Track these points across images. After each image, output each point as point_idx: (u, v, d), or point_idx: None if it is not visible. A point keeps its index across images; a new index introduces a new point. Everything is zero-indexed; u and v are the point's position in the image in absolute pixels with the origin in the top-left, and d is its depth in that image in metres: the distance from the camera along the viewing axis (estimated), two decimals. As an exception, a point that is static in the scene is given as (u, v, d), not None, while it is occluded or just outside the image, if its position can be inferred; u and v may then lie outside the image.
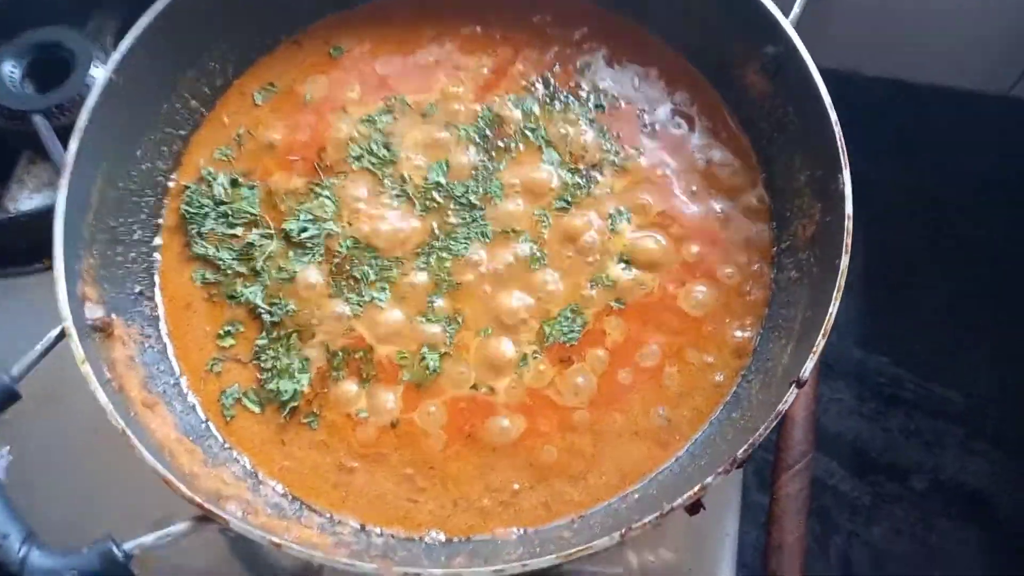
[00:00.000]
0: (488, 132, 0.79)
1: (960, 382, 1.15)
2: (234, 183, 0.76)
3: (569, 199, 0.75)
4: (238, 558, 0.74)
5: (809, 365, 0.58)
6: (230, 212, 0.75)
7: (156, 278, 0.72)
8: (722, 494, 0.77)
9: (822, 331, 0.59)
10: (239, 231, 0.74)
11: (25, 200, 0.99)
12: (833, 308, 0.60)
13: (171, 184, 0.76)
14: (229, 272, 0.72)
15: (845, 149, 0.64)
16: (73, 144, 0.65)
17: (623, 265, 0.73)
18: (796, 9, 0.72)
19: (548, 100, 0.80)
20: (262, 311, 0.71)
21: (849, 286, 0.60)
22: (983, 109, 1.24)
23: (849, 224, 0.62)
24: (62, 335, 0.58)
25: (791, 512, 0.87)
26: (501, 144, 0.78)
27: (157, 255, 0.74)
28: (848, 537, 1.10)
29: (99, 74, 0.95)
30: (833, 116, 0.65)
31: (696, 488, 0.54)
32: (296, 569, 0.73)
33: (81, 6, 1.07)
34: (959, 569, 1.08)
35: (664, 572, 0.72)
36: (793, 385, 0.58)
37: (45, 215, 0.92)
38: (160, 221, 0.75)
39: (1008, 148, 1.22)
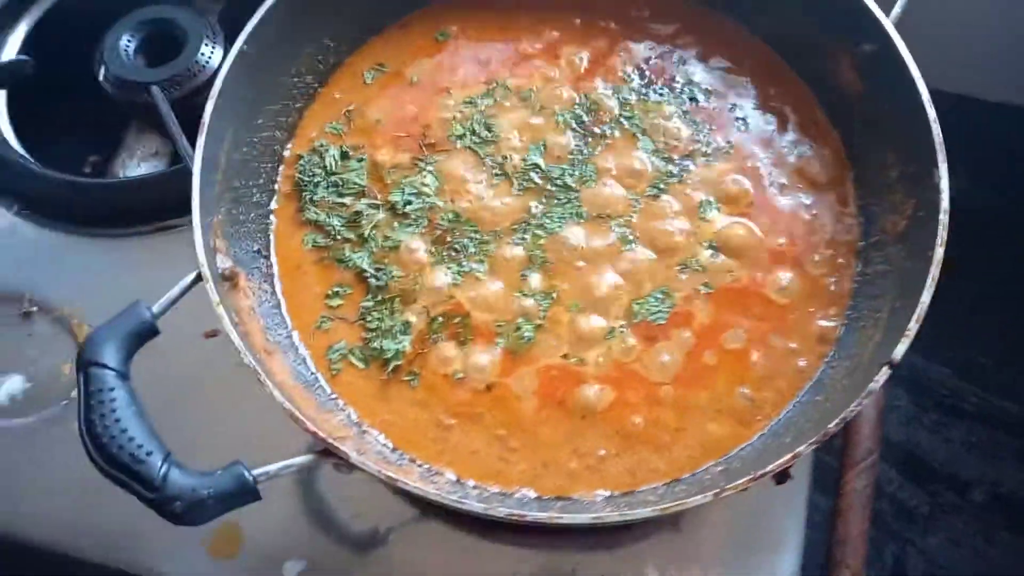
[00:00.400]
0: (585, 118, 0.82)
1: (1021, 397, 1.15)
2: (344, 155, 0.81)
3: (662, 186, 0.78)
4: (309, 520, 0.78)
5: (902, 348, 0.60)
6: (340, 182, 0.79)
7: (272, 238, 0.77)
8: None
9: (915, 316, 0.61)
10: (348, 200, 0.79)
11: (133, 167, 1.06)
12: (926, 295, 0.62)
13: (287, 153, 0.81)
14: (338, 238, 0.77)
15: (943, 142, 0.66)
16: (208, 108, 0.70)
17: (712, 251, 0.76)
18: (897, 9, 0.74)
19: (643, 91, 0.84)
20: (368, 275, 0.75)
21: None
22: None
23: (945, 217, 0.64)
24: (198, 279, 0.63)
25: (857, 507, 0.89)
26: (597, 131, 0.82)
27: (273, 217, 0.78)
28: (903, 545, 1.10)
29: (208, 51, 1.03)
30: (931, 111, 0.67)
31: (788, 456, 0.57)
32: (362, 535, 0.77)
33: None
34: (1018, 582, 1.08)
35: (720, 546, 0.74)
36: (886, 366, 0.60)
37: (152, 182, 1.00)
38: (276, 186, 0.80)
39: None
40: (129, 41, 1.05)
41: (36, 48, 1.08)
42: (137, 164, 1.06)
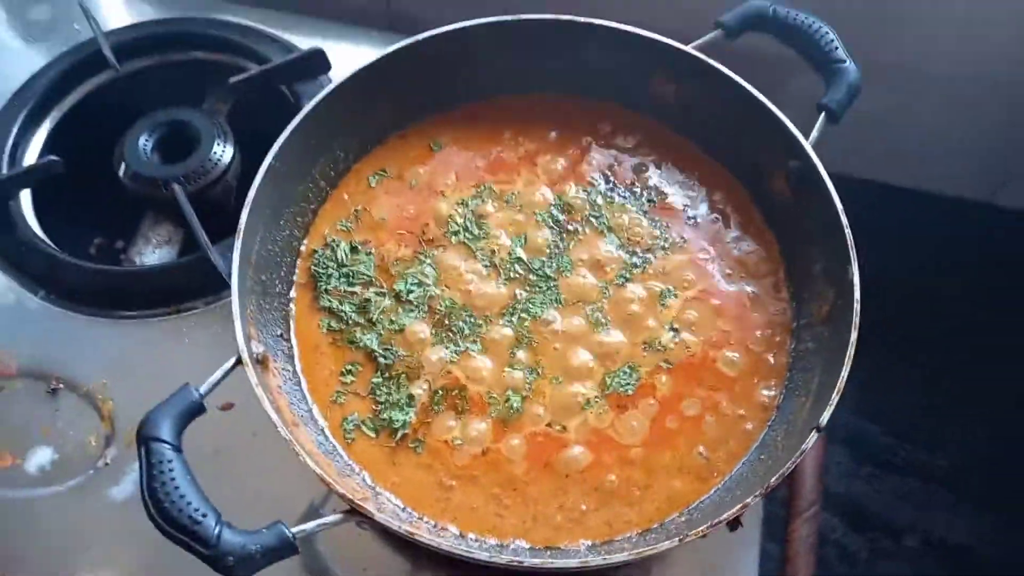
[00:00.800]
0: (560, 217, 0.96)
1: (945, 449, 1.30)
2: (353, 249, 0.93)
3: (627, 275, 0.92)
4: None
5: (826, 415, 0.74)
6: (351, 273, 0.91)
7: (292, 324, 0.88)
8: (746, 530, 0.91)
9: (836, 389, 0.74)
10: (358, 289, 0.91)
11: (149, 254, 1.16)
12: (844, 371, 0.75)
13: (303, 248, 0.93)
14: (350, 322, 0.88)
15: (854, 247, 0.81)
16: (244, 214, 0.82)
17: (672, 333, 0.89)
18: (815, 133, 0.90)
19: (609, 193, 0.98)
20: (377, 355, 0.86)
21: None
22: (968, 214, 1.43)
23: (858, 307, 0.79)
24: (238, 362, 0.73)
25: (803, 552, 1.01)
26: (571, 227, 0.96)
27: (292, 306, 0.90)
28: (848, 586, 1.23)
29: (220, 150, 1.15)
30: (844, 220, 0.82)
31: (739, 506, 0.69)
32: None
33: (196, 89, 1.26)
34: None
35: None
36: (814, 430, 0.73)
37: (169, 269, 1.10)
38: (295, 278, 0.91)
39: (989, 246, 1.41)
40: (147, 140, 1.17)
41: (57, 147, 1.19)
42: (152, 251, 1.16)
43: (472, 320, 0.89)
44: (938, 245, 1.43)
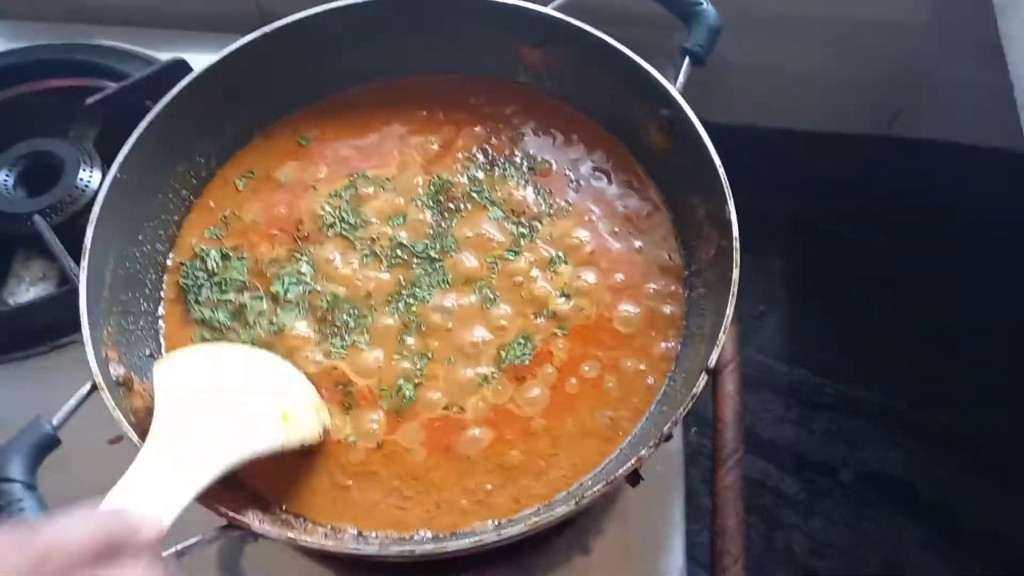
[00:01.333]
0: (440, 197, 0.93)
1: (871, 383, 1.31)
2: (224, 256, 0.89)
3: (515, 248, 0.90)
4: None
5: (714, 356, 0.72)
6: (223, 281, 0.87)
7: (162, 341, 0.83)
8: (669, 484, 0.90)
9: (723, 328, 0.73)
10: (232, 296, 0.86)
11: (23, 293, 1.09)
12: (729, 310, 0.74)
13: (168, 262, 0.88)
14: (223, 329, 0.84)
15: (728, 184, 0.80)
16: (89, 233, 0.77)
17: (564, 298, 0.87)
18: (681, 78, 0.89)
19: (488, 167, 0.96)
20: (256, 360, 0.82)
21: (767, 312, 0.75)
22: (866, 148, 1.45)
23: (737, 244, 0.78)
24: (93, 388, 0.69)
25: (730, 500, 1.00)
26: (452, 206, 0.93)
27: (161, 322, 0.85)
28: (790, 531, 1.22)
29: (87, 176, 1.09)
30: (716, 160, 0.81)
31: (633, 460, 0.67)
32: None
33: (62, 117, 1.20)
34: (889, 549, 1.21)
35: (620, 557, 0.84)
36: (704, 372, 0.72)
37: (42, 305, 1.04)
38: (162, 294, 0.86)
39: (889, 181, 1.43)
40: (8, 176, 1.10)
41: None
42: (26, 289, 1.10)
43: (356, 312, 0.85)
44: (841, 185, 1.44)
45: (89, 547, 0.37)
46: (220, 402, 0.69)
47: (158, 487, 0.59)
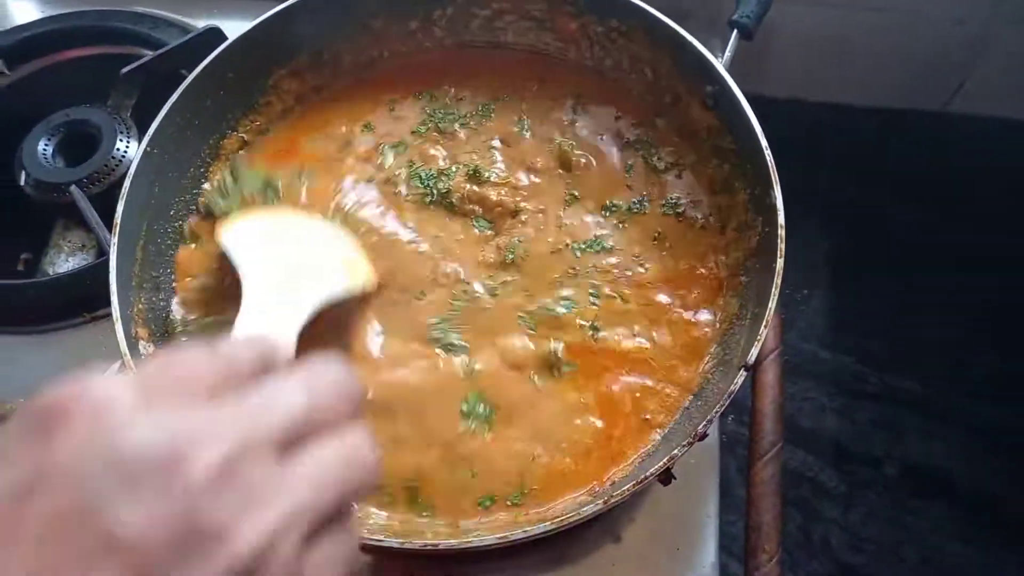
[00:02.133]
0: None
1: (916, 372, 1.26)
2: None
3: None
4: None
5: (754, 352, 0.69)
6: (253, 258, 0.86)
7: (193, 319, 0.83)
8: (703, 476, 0.87)
9: (764, 322, 0.69)
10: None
11: (62, 263, 1.11)
12: (772, 303, 0.70)
13: (201, 238, 0.88)
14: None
15: (775, 168, 0.76)
16: (119, 208, 0.76)
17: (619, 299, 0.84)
18: (728, 52, 0.84)
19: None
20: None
21: (811, 296, 0.71)
22: (919, 125, 1.38)
23: (782, 232, 0.74)
24: (123, 367, 0.68)
25: (767, 495, 0.97)
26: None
27: (192, 300, 0.84)
28: (828, 524, 1.19)
29: (123, 146, 1.09)
30: (763, 140, 0.77)
31: (665, 459, 0.65)
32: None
33: (99, 86, 1.20)
34: (929, 544, 1.17)
35: (651, 547, 0.82)
36: (742, 369, 0.68)
37: (81, 275, 1.05)
38: (193, 270, 0.86)
39: (943, 159, 1.36)
40: (47, 145, 1.11)
41: (-45, 160, 1.13)
42: (66, 259, 1.11)
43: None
44: (892, 163, 1.37)
45: (257, 363, 0.37)
46: (291, 254, 0.73)
47: (271, 321, 0.62)
